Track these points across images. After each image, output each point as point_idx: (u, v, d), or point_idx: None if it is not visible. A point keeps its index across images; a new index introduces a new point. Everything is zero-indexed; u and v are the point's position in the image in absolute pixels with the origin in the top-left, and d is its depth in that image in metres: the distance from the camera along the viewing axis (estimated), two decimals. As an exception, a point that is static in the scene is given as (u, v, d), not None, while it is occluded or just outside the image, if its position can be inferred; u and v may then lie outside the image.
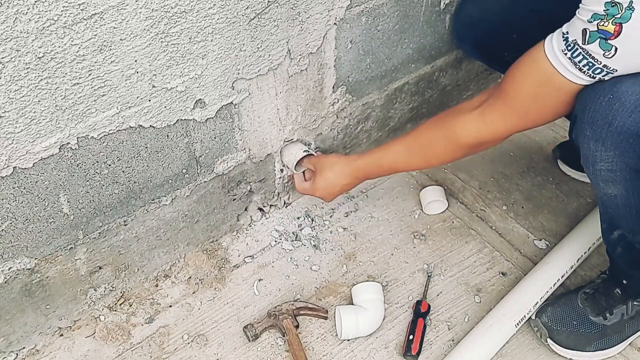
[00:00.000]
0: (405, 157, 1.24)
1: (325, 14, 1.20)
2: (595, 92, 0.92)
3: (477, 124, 1.10)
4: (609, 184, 0.99)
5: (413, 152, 1.23)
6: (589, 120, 0.93)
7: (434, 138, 1.18)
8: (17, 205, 1.01)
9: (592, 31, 0.87)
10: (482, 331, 1.21)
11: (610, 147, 0.93)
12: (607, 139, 0.92)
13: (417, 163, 1.28)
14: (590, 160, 0.98)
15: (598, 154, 0.95)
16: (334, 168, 1.31)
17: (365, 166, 1.30)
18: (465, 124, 1.12)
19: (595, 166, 0.98)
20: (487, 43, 1.37)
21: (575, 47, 0.90)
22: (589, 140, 0.95)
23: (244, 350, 1.24)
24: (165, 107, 1.09)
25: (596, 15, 0.86)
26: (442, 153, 1.19)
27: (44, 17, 0.85)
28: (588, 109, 0.93)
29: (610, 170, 0.96)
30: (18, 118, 0.92)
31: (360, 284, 1.29)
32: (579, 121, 0.96)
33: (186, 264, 1.38)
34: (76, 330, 1.26)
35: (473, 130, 1.11)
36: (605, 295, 1.20)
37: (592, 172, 0.99)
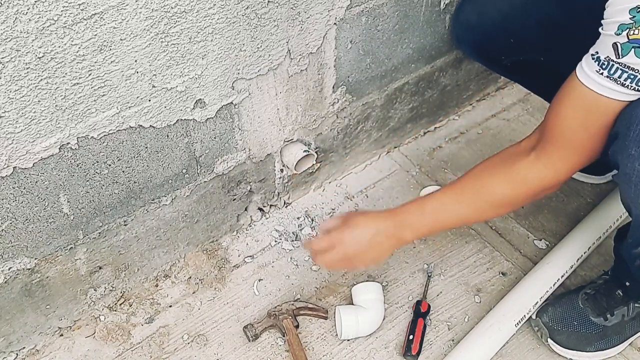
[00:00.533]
0: (454, 206, 1.10)
1: (325, 14, 1.20)
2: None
3: (537, 169, 1.02)
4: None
5: (463, 201, 1.10)
6: (636, 138, 0.89)
7: (489, 185, 1.07)
8: (17, 205, 1.01)
9: (624, 43, 0.84)
10: (482, 331, 1.21)
11: None
12: None
13: (468, 213, 1.11)
14: (633, 179, 0.93)
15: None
16: (367, 214, 1.16)
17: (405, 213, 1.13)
18: (524, 170, 1.03)
19: (638, 186, 0.93)
20: (485, 46, 1.37)
21: (610, 63, 0.86)
22: (634, 160, 0.91)
23: (244, 350, 1.24)
24: (165, 107, 1.09)
25: (623, 25, 0.83)
26: (500, 198, 1.07)
27: (44, 17, 0.85)
28: (635, 126, 0.89)
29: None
30: (18, 118, 0.92)
31: (360, 284, 1.29)
32: (622, 138, 0.91)
33: (186, 264, 1.38)
34: (76, 330, 1.26)
35: (534, 175, 1.03)
36: (607, 296, 1.19)
37: (634, 191, 0.95)
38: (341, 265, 1.18)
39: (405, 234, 1.13)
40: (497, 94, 1.83)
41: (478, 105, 1.80)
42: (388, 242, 1.14)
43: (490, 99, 1.82)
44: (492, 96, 1.83)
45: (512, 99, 1.82)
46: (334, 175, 1.57)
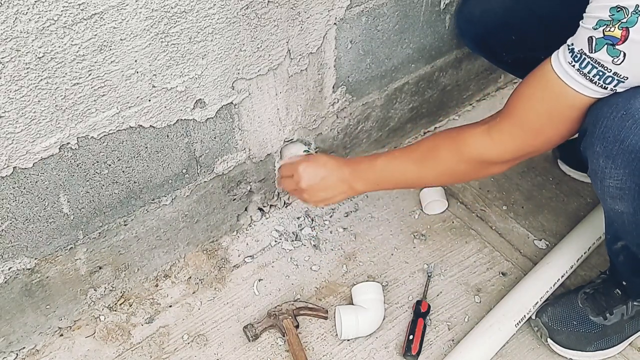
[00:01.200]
0: (402, 164, 1.16)
1: (325, 14, 1.20)
2: (608, 107, 0.89)
3: (482, 138, 1.05)
4: (617, 201, 0.97)
5: (411, 159, 1.15)
6: (600, 135, 0.90)
7: (437, 146, 1.11)
8: (17, 205, 1.01)
9: (599, 38, 0.84)
10: (482, 331, 1.21)
11: (620, 165, 0.90)
12: (617, 157, 0.90)
13: (412, 172, 1.16)
14: (598, 176, 0.95)
15: (607, 170, 0.92)
16: (330, 159, 1.23)
17: (359, 165, 1.20)
18: (470, 137, 1.06)
19: (603, 182, 0.95)
20: (487, 41, 1.37)
21: (582, 57, 0.87)
22: (598, 156, 0.92)
23: (244, 350, 1.24)
24: (165, 107, 1.09)
25: (601, 21, 0.84)
26: (443, 163, 1.11)
27: (44, 17, 0.85)
28: (599, 124, 0.90)
29: (619, 188, 0.94)
30: (18, 118, 0.92)
31: (360, 284, 1.29)
32: (589, 135, 0.93)
33: (186, 264, 1.38)
34: (76, 330, 1.26)
35: (478, 145, 1.05)
36: (605, 295, 1.19)
37: (600, 188, 0.97)
38: (294, 194, 1.27)
39: (357, 184, 1.20)
40: (497, 94, 1.83)
41: (478, 105, 1.80)
42: (339, 187, 1.21)
43: (490, 99, 1.82)
44: (492, 96, 1.83)
45: (512, 99, 1.82)
46: (334, 175, 1.57)
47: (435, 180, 1.17)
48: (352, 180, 1.20)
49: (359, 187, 1.21)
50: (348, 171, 1.20)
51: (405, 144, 1.68)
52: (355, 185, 1.20)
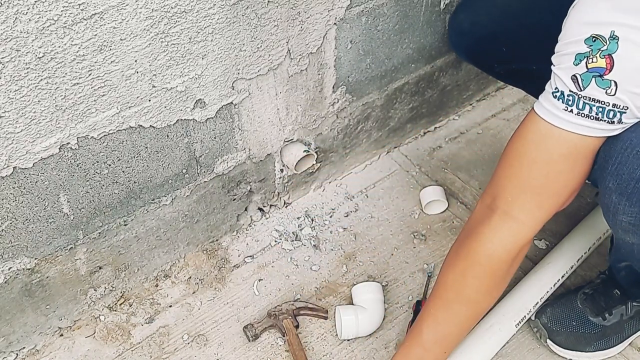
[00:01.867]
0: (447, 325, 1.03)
1: (325, 14, 1.20)
2: (622, 143, 0.84)
3: (508, 227, 0.94)
4: (629, 234, 0.94)
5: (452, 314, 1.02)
6: (614, 172, 0.86)
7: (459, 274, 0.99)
8: (17, 205, 1.01)
9: (583, 73, 0.80)
10: (482, 331, 1.21)
11: (636, 203, 0.86)
12: (633, 195, 0.86)
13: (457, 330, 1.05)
14: (611, 210, 0.91)
15: (621, 207, 0.89)
16: None
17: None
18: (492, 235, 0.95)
19: (616, 217, 0.92)
20: (478, 53, 1.35)
21: (574, 98, 0.81)
22: (611, 192, 0.89)
23: (244, 350, 1.24)
24: (165, 107, 1.09)
25: (580, 54, 0.79)
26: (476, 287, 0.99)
27: (44, 17, 0.85)
28: (613, 160, 0.86)
29: (632, 224, 0.90)
30: (18, 118, 0.92)
31: (360, 284, 1.29)
32: (601, 169, 0.89)
33: (186, 264, 1.38)
34: (76, 330, 1.26)
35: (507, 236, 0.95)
36: (605, 295, 1.20)
37: (612, 221, 0.94)
38: None
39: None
40: (497, 94, 1.83)
41: (478, 105, 1.80)
42: None
43: (490, 99, 1.82)
44: (492, 96, 1.83)
45: (512, 99, 1.82)
46: (334, 175, 1.57)
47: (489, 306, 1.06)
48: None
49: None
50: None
51: (405, 144, 1.68)
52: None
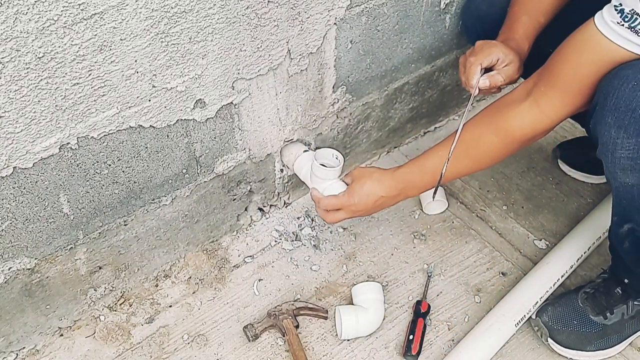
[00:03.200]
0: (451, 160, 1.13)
1: (325, 14, 1.20)
2: (619, 79, 0.91)
3: (532, 114, 1.04)
4: (627, 173, 0.97)
5: (460, 154, 1.13)
6: (612, 107, 0.92)
7: (483, 135, 1.11)
8: (17, 205, 1.01)
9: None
10: (482, 331, 1.21)
11: (632, 134, 0.91)
12: (630, 126, 0.91)
13: (465, 165, 1.16)
14: (610, 148, 0.96)
15: (619, 141, 0.93)
16: (373, 176, 1.20)
17: (407, 174, 1.19)
18: (518, 116, 1.06)
19: (615, 154, 0.95)
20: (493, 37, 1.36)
21: (634, 16, 0.86)
22: (610, 128, 0.93)
23: (244, 350, 1.24)
24: (165, 107, 1.09)
25: None
26: (494, 150, 1.11)
27: (44, 17, 0.85)
28: (611, 96, 0.91)
29: (630, 158, 0.94)
30: (18, 118, 0.92)
31: (360, 284, 1.29)
32: (600, 108, 0.94)
33: (186, 264, 1.38)
34: (76, 330, 1.26)
35: (529, 122, 1.05)
36: (606, 294, 1.19)
37: (611, 160, 0.97)
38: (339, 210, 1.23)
39: (409, 192, 1.21)
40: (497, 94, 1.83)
41: (478, 105, 1.80)
42: (392, 201, 1.22)
43: (491, 99, 1.82)
44: (492, 96, 1.82)
45: (512, 99, 1.82)
46: (334, 175, 1.57)
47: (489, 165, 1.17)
48: (405, 192, 1.20)
49: (413, 194, 1.22)
50: (396, 186, 1.19)
51: (405, 144, 1.68)
52: (408, 194, 1.21)
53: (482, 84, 1.18)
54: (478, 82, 1.18)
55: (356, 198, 1.20)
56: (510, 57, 1.17)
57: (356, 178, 1.23)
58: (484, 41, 1.21)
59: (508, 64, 1.18)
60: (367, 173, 1.22)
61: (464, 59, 1.23)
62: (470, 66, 1.19)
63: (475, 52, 1.20)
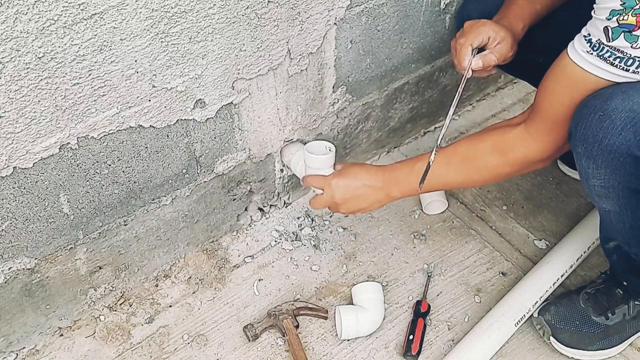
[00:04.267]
0: (442, 169, 1.12)
1: (325, 14, 1.20)
2: (587, 109, 0.92)
3: (523, 138, 1.05)
4: (603, 199, 0.99)
5: (451, 165, 1.12)
6: (581, 137, 0.93)
7: (479, 151, 1.10)
8: (17, 205, 1.01)
9: (614, 27, 0.86)
10: (482, 331, 1.21)
11: (601, 165, 0.93)
12: (598, 157, 0.92)
13: (455, 176, 1.14)
14: (583, 176, 0.98)
15: (590, 171, 0.95)
16: (363, 165, 1.21)
17: (395, 169, 1.18)
18: (512, 139, 1.06)
19: (588, 182, 0.98)
20: None
21: (600, 46, 0.88)
22: (581, 157, 0.95)
23: (244, 350, 1.24)
24: (165, 107, 1.09)
25: (614, 11, 0.85)
26: (487, 168, 1.10)
27: (44, 17, 0.85)
28: (579, 126, 0.93)
29: (603, 187, 0.96)
30: (18, 118, 0.92)
31: (360, 284, 1.29)
32: (572, 137, 0.95)
33: (186, 264, 1.38)
34: (76, 330, 1.26)
35: (521, 145, 1.05)
36: (607, 295, 1.20)
37: (587, 187, 1.00)
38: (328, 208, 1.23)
39: (393, 190, 1.18)
40: (497, 94, 1.83)
41: (478, 105, 1.80)
42: (375, 195, 1.19)
43: (490, 99, 1.82)
44: (492, 96, 1.83)
45: (512, 99, 1.82)
46: (334, 175, 1.57)
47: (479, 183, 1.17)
48: (388, 187, 1.18)
49: (396, 194, 1.19)
50: (383, 179, 1.18)
51: (405, 144, 1.68)
52: (391, 192, 1.19)
53: (474, 64, 1.15)
54: (470, 63, 1.15)
55: (340, 182, 1.19)
56: (501, 34, 1.16)
57: (347, 165, 1.25)
58: (473, 21, 1.19)
59: (500, 41, 1.16)
60: (359, 163, 1.23)
61: (455, 41, 1.22)
62: (460, 48, 1.17)
63: (465, 33, 1.18)
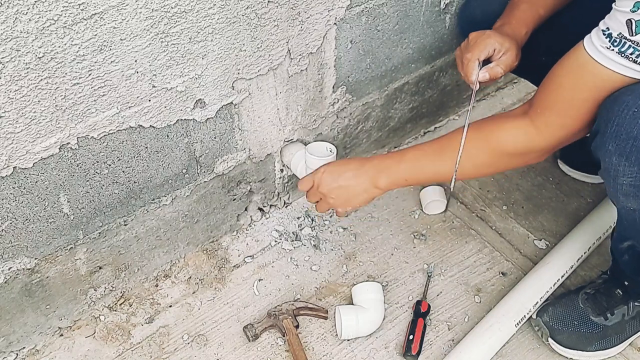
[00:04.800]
0: (433, 158, 1.12)
1: (325, 14, 1.20)
2: (619, 106, 0.89)
3: (527, 131, 1.02)
4: (630, 198, 0.96)
5: (444, 155, 1.10)
6: (613, 134, 0.90)
7: (473, 141, 1.07)
8: (17, 205, 1.01)
9: (638, 20, 0.83)
10: (482, 331, 1.21)
11: (635, 162, 0.90)
12: (631, 154, 0.90)
13: (446, 168, 1.11)
14: (611, 174, 0.95)
15: (621, 168, 0.92)
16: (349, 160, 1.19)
17: (386, 157, 1.16)
18: (513, 130, 1.04)
19: (617, 180, 0.95)
20: None
21: (622, 40, 0.85)
22: (611, 155, 0.92)
23: (244, 350, 1.24)
24: (165, 107, 1.09)
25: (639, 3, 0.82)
26: (480, 158, 1.08)
27: (44, 17, 0.85)
28: (611, 123, 0.90)
29: (632, 185, 0.94)
30: (18, 118, 0.92)
31: (360, 284, 1.29)
32: (601, 134, 0.93)
33: (186, 264, 1.38)
34: (76, 330, 1.26)
35: (522, 137, 1.03)
36: (606, 295, 1.20)
37: (613, 186, 0.97)
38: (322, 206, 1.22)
39: (381, 179, 1.15)
40: (497, 94, 1.83)
41: (478, 105, 1.80)
42: (361, 184, 1.16)
43: (490, 99, 1.82)
44: (492, 96, 1.83)
45: (512, 99, 1.82)
46: (334, 175, 1.57)
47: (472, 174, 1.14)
48: (375, 176, 1.15)
49: (383, 183, 1.15)
50: (370, 167, 1.16)
51: (405, 144, 1.68)
52: (378, 181, 1.15)
53: (482, 77, 1.16)
54: (478, 77, 1.16)
55: (326, 172, 1.18)
56: (505, 45, 1.16)
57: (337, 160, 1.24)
58: (478, 33, 1.19)
59: (505, 52, 1.16)
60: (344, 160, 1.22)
61: (460, 52, 1.22)
62: (467, 63, 1.17)
63: (470, 47, 1.18)
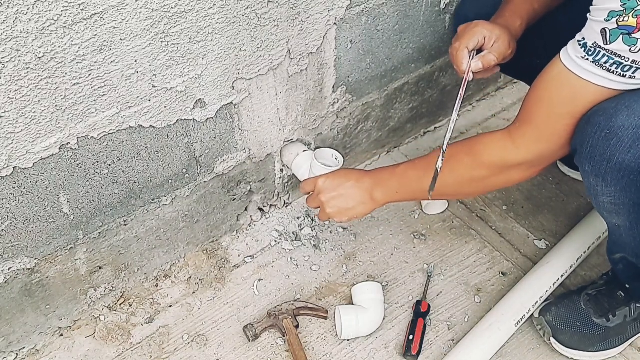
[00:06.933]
0: (420, 171, 1.13)
1: (325, 14, 1.20)
2: (591, 127, 0.90)
3: (503, 142, 1.02)
4: (613, 215, 0.98)
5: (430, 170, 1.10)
6: (587, 155, 0.91)
7: (455, 155, 1.08)
8: (17, 205, 1.01)
9: (612, 29, 0.83)
10: (482, 331, 1.21)
11: (611, 183, 0.91)
12: (607, 175, 0.90)
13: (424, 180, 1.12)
14: (592, 193, 0.96)
15: (599, 188, 0.93)
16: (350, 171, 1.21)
17: (381, 171, 1.20)
18: (490, 143, 1.05)
19: (597, 199, 0.96)
20: None
21: (596, 50, 0.86)
22: (588, 175, 0.93)
23: (244, 350, 1.24)
24: (165, 107, 1.09)
25: (613, 12, 0.83)
26: (459, 172, 1.08)
27: (44, 17, 0.85)
28: (586, 144, 0.91)
29: (613, 204, 0.95)
30: (18, 118, 0.92)
31: (360, 284, 1.29)
32: (578, 155, 0.94)
33: (186, 264, 1.38)
34: (76, 330, 1.26)
35: (498, 149, 1.03)
36: (608, 297, 1.20)
37: (596, 203, 0.98)
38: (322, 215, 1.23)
39: (376, 193, 1.18)
40: (497, 94, 1.83)
41: (478, 105, 1.80)
42: (359, 196, 1.18)
43: (490, 99, 1.82)
44: (492, 96, 1.83)
45: (512, 99, 1.82)
46: (334, 175, 1.57)
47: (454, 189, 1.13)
48: (372, 189, 1.18)
49: (379, 196, 1.18)
50: (368, 180, 1.18)
51: (405, 144, 1.68)
52: (375, 194, 1.18)
53: (474, 66, 1.14)
54: (469, 66, 1.14)
55: (327, 181, 1.20)
56: (496, 32, 1.14)
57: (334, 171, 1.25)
58: (467, 24, 1.18)
59: (496, 40, 1.14)
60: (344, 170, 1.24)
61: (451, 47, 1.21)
62: (456, 52, 1.15)
63: (459, 37, 1.17)
